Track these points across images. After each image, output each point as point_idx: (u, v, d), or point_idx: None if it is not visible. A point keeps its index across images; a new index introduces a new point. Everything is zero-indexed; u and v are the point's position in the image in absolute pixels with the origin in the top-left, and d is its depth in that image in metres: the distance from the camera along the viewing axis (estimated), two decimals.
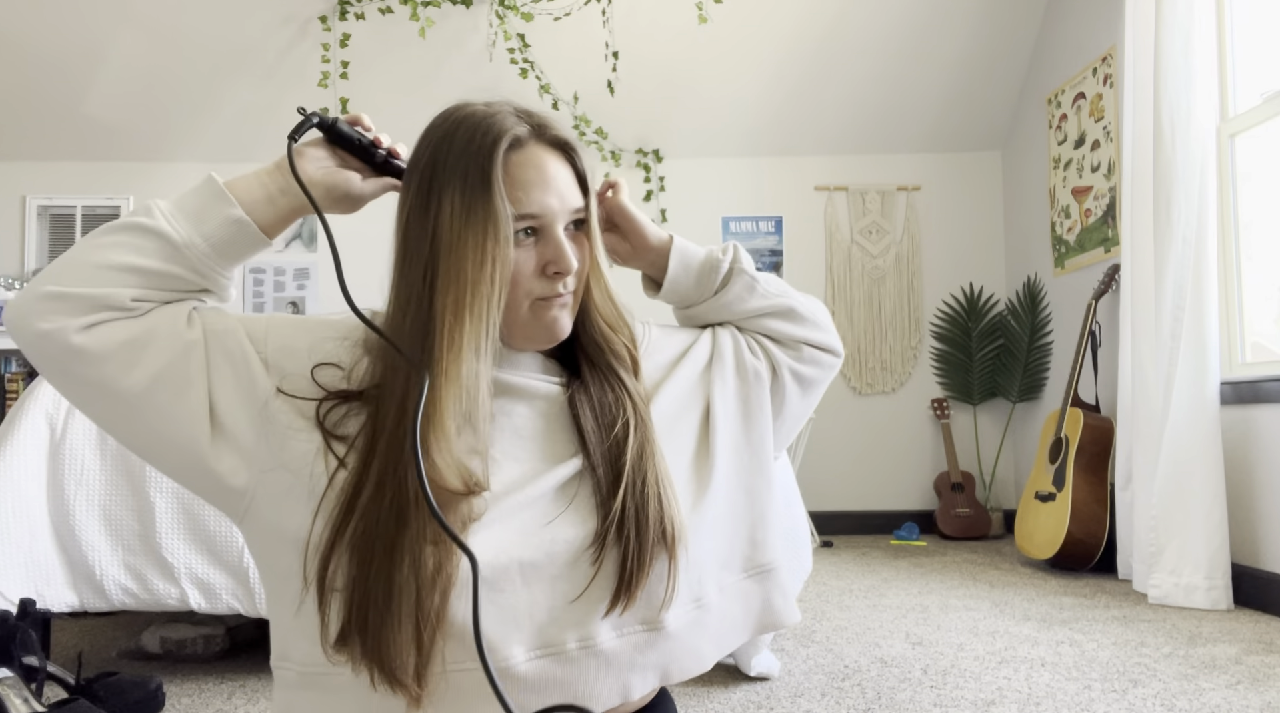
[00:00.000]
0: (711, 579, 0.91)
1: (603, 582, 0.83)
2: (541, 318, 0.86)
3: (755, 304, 1.03)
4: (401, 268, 0.84)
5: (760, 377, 1.00)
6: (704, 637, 0.90)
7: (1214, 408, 2.66)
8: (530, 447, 0.87)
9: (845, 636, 2.27)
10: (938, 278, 4.54)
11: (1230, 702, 1.71)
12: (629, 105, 4.29)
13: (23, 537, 1.76)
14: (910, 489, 4.45)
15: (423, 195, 0.83)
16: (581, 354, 0.93)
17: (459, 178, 0.82)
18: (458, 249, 0.80)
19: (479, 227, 0.81)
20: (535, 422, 0.88)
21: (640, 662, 0.85)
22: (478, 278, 0.80)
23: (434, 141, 0.85)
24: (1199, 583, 2.61)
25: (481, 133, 0.83)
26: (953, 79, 4.32)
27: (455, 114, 0.86)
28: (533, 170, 0.84)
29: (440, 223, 0.81)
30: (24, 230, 4.45)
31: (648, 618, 0.85)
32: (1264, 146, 2.86)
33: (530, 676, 0.80)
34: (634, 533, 0.83)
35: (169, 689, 1.83)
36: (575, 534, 0.83)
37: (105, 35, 4.00)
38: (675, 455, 0.92)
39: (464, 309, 0.80)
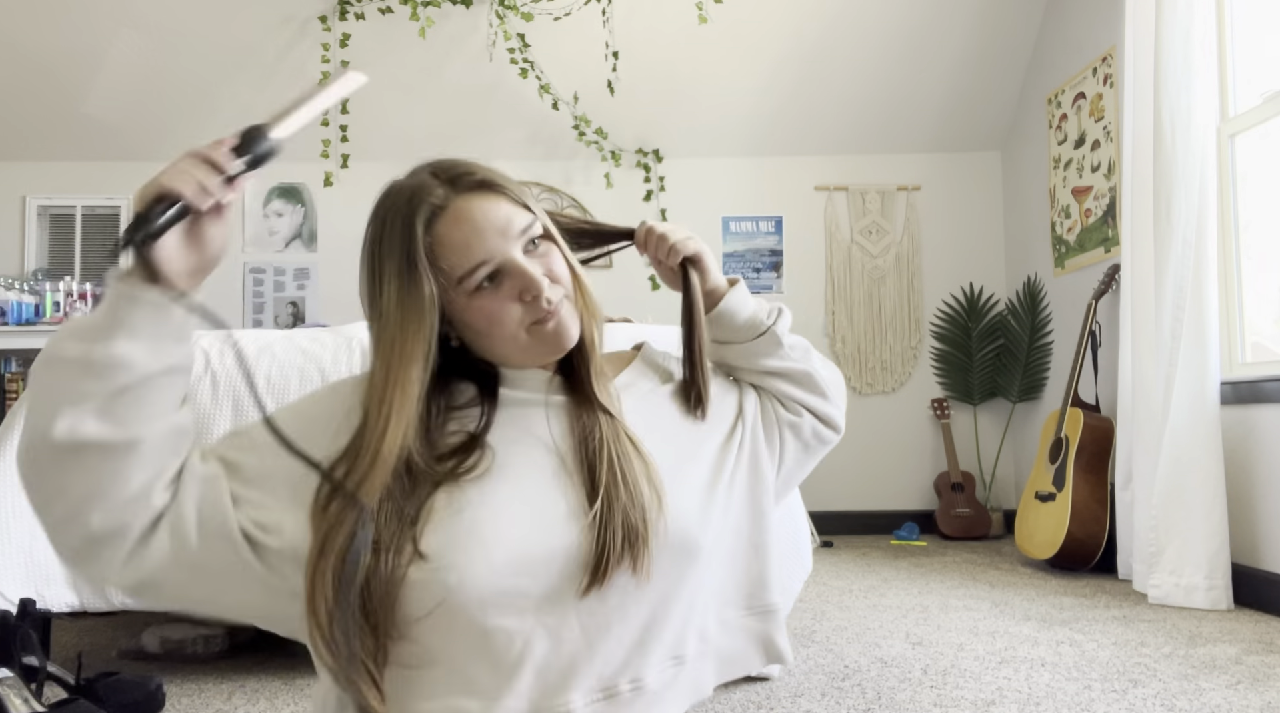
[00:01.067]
0: (712, 614, 0.97)
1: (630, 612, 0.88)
2: (543, 335, 0.90)
3: (775, 364, 1.08)
4: (374, 354, 0.88)
5: (771, 435, 1.07)
6: (707, 669, 0.97)
7: (1214, 408, 2.66)
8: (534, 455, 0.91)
9: (845, 636, 2.27)
10: (938, 278, 4.55)
11: (1230, 702, 1.71)
12: (629, 105, 4.29)
13: (23, 537, 1.76)
14: (910, 489, 4.45)
15: (374, 286, 0.88)
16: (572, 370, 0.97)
17: (393, 262, 0.86)
18: (402, 331, 0.85)
19: (414, 305, 0.85)
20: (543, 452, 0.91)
21: (669, 697, 0.91)
22: (412, 352, 0.84)
23: (369, 233, 0.90)
24: (1199, 583, 2.61)
25: (403, 215, 0.86)
26: (953, 79, 4.32)
27: (383, 197, 0.90)
28: (464, 226, 0.86)
29: (385, 310, 0.86)
30: (24, 230, 4.45)
31: (676, 654, 0.92)
32: (1264, 146, 2.86)
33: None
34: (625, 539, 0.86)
35: (169, 689, 1.83)
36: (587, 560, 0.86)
37: (105, 35, 4.00)
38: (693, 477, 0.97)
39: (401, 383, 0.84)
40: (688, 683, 0.94)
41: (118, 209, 4.49)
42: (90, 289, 4.19)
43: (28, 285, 4.14)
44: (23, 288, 4.11)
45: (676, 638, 0.91)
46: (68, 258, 4.49)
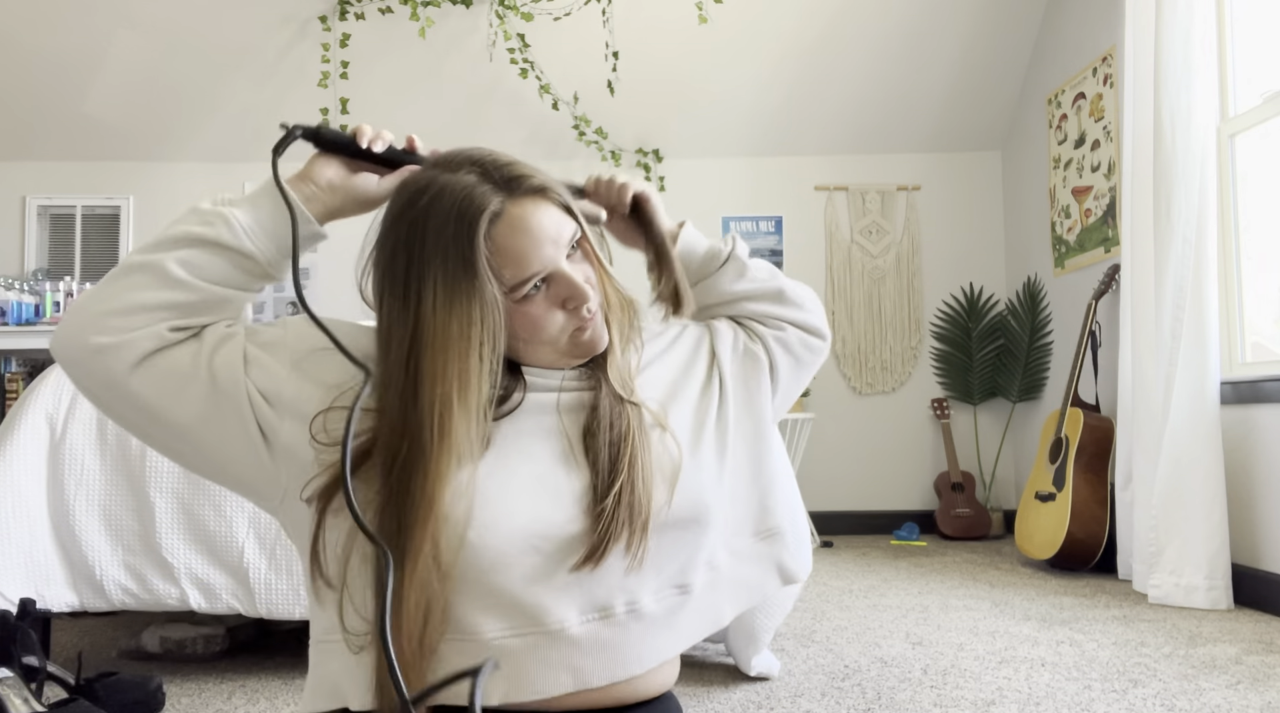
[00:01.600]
0: (721, 544, 0.97)
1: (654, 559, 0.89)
2: (579, 342, 0.91)
3: (743, 287, 1.10)
4: (385, 361, 0.84)
5: (758, 359, 1.07)
6: (721, 597, 0.97)
7: (1214, 408, 2.66)
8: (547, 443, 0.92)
9: (845, 636, 2.27)
10: (938, 278, 4.55)
11: (1230, 702, 1.71)
12: (629, 105, 4.29)
13: (23, 537, 1.76)
14: (910, 489, 4.45)
15: (400, 287, 0.83)
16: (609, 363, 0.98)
17: (439, 266, 0.81)
18: (440, 340, 0.81)
19: (464, 314, 0.81)
20: (555, 420, 0.93)
21: (673, 623, 0.91)
22: (465, 368, 0.81)
23: (403, 231, 0.84)
24: (1199, 583, 2.61)
25: (462, 219, 0.82)
26: (953, 79, 4.32)
27: (421, 196, 0.85)
28: (521, 236, 0.84)
29: (422, 316, 0.81)
30: (24, 230, 4.45)
31: (679, 582, 0.92)
32: (1264, 146, 2.86)
33: (584, 638, 0.85)
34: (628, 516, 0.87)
35: (169, 689, 1.83)
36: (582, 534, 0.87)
37: (105, 35, 4.00)
38: (684, 426, 0.98)
39: (450, 401, 0.81)
40: (698, 612, 0.94)
41: (117, 209, 4.49)
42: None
43: (28, 285, 4.14)
44: (23, 288, 4.11)
45: (680, 570, 0.92)
46: (68, 258, 4.49)
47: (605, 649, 0.86)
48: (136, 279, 0.86)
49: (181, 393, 0.85)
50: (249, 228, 0.88)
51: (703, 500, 0.94)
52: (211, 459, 0.88)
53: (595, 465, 0.89)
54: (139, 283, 0.86)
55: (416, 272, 0.82)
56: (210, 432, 0.86)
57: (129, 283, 0.86)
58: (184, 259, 0.86)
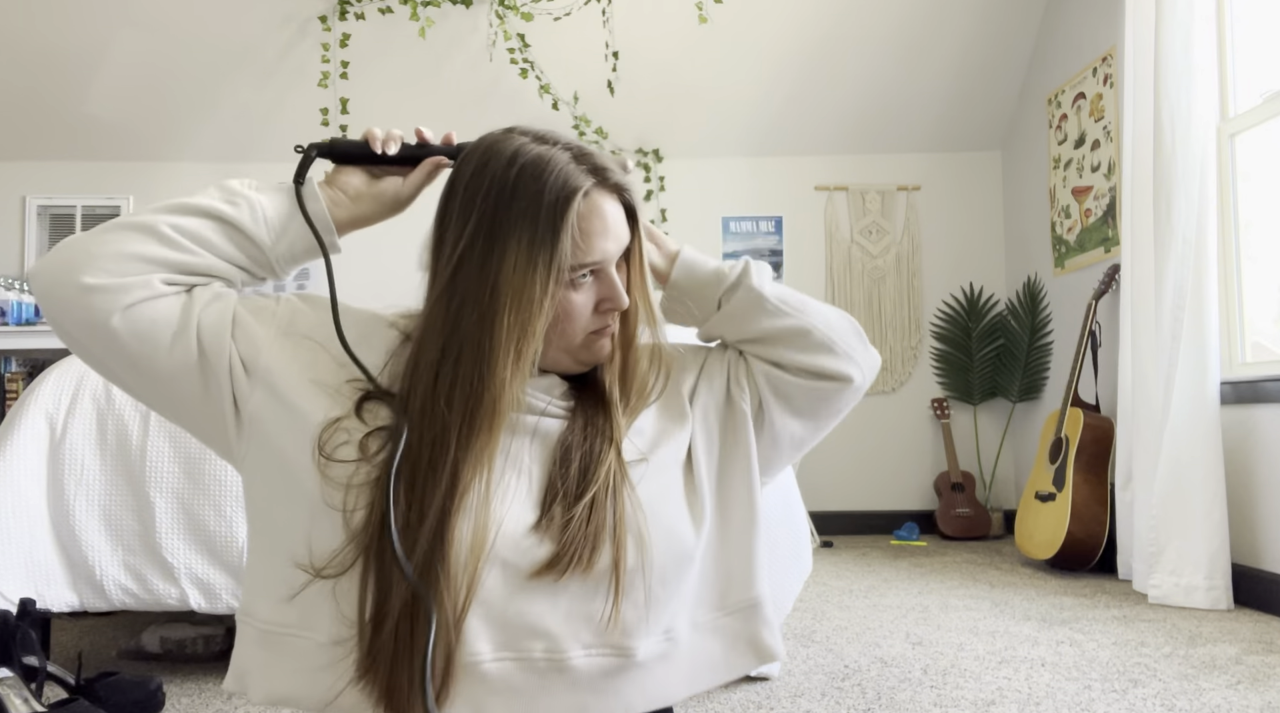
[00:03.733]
0: (684, 614, 0.90)
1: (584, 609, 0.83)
2: (592, 346, 0.91)
3: (764, 324, 0.98)
4: (447, 306, 0.84)
5: (744, 413, 0.97)
6: (674, 672, 0.88)
7: (1214, 408, 2.66)
8: (526, 455, 0.89)
9: (845, 636, 2.27)
10: (938, 278, 4.55)
11: (1230, 702, 1.71)
12: (629, 105, 4.29)
13: (23, 537, 1.76)
14: (910, 489, 4.45)
15: (483, 241, 0.84)
16: (595, 379, 0.95)
17: (526, 229, 0.83)
18: (521, 297, 0.82)
19: (542, 279, 0.83)
20: (532, 443, 0.90)
21: (604, 687, 0.84)
22: (533, 328, 0.83)
23: (492, 187, 0.85)
24: (1199, 583, 2.61)
25: (553, 187, 0.84)
26: (953, 79, 4.32)
27: (511, 164, 0.85)
28: (597, 221, 0.87)
29: (502, 272, 0.83)
30: (24, 230, 4.45)
31: (618, 644, 0.84)
32: (1264, 146, 2.86)
33: (493, 676, 0.80)
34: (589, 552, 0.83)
35: (169, 689, 1.83)
36: (544, 548, 0.83)
37: (105, 35, 4.00)
38: (666, 484, 0.92)
39: (523, 353, 0.83)
40: (637, 684, 0.85)
41: (117, 209, 4.49)
42: None
43: (28, 285, 4.14)
44: (23, 288, 4.11)
45: (625, 630, 0.84)
46: None
47: (515, 695, 0.81)
48: (141, 235, 0.86)
49: (163, 345, 0.85)
50: (270, 220, 0.89)
51: (675, 553, 0.87)
52: (180, 411, 0.89)
53: (556, 496, 0.85)
54: (142, 238, 0.86)
55: (502, 231, 0.83)
56: (184, 387, 0.86)
57: (132, 236, 0.86)
58: (194, 230, 0.87)
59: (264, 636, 0.85)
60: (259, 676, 0.85)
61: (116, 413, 1.86)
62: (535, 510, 0.85)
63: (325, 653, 0.82)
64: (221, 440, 0.89)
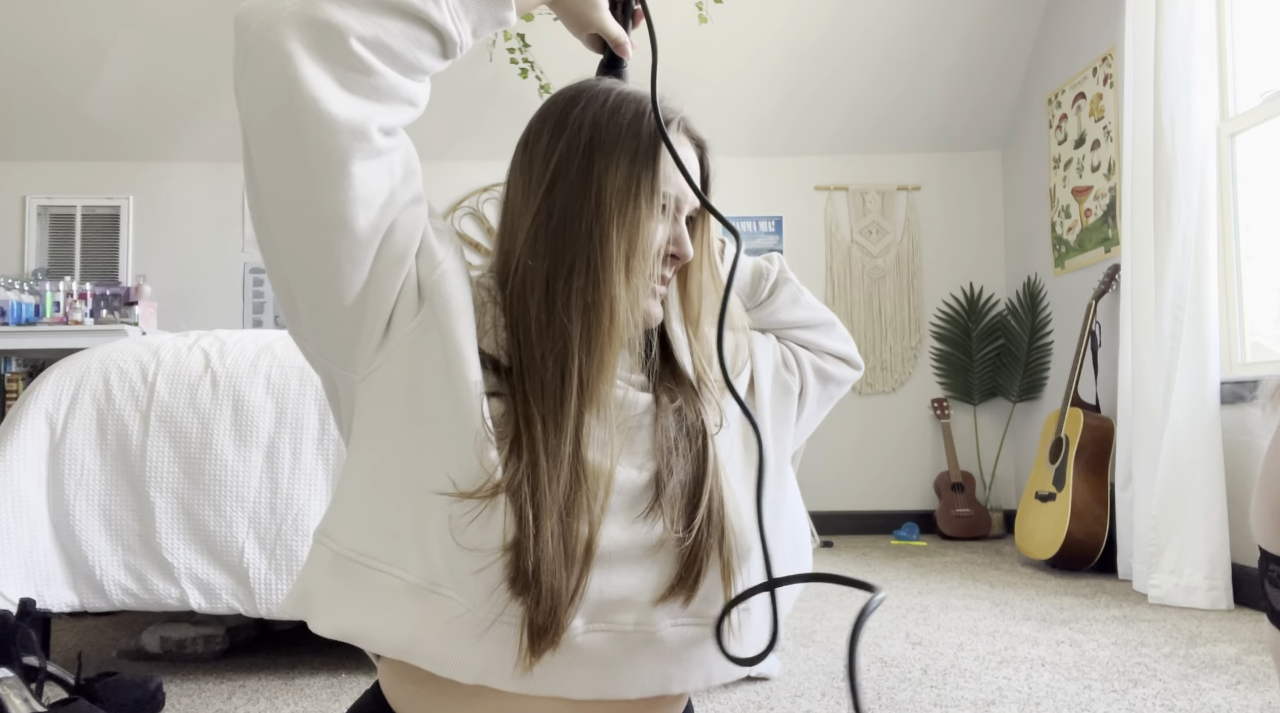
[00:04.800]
0: None
1: (667, 578, 0.82)
2: (649, 296, 0.88)
3: (800, 315, 1.06)
4: (548, 222, 0.83)
5: (790, 391, 1.03)
6: (743, 646, 0.88)
7: (1214, 408, 2.66)
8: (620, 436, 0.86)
9: (845, 636, 2.27)
10: (938, 278, 4.55)
11: (1230, 702, 1.71)
12: None
13: (23, 537, 1.76)
14: (910, 489, 4.45)
15: (583, 155, 0.83)
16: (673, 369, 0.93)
17: (629, 147, 0.84)
18: (626, 209, 0.82)
19: (645, 194, 0.83)
20: (626, 414, 0.87)
21: (687, 657, 0.84)
22: (640, 244, 0.82)
23: (591, 111, 0.86)
24: (1199, 583, 2.61)
25: (640, 105, 0.87)
26: (953, 79, 4.32)
27: (604, 96, 0.87)
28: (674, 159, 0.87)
29: (605, 185, 0.82)
30: (24, 230, 4.45)
31: (701, 614, 0.84)
32: (1264, 146, 2.86)
33: (584, 647, 0.79)
34: (706, 541, 0.83)
35: (169, 689, 1.83)
36: (652, 532, 0.82)
37: (105, 35, 4.00)
38: (734, 467, 0.92)
39: (636, 263, 0.82)
40: (718, 652, 0.85)
41: (117, 209, 4.49)
42: (90, 289, 4.19)
43: (28, 285, 4.14)
44: (23, 288, 4.11)
45: (704, 598, 0.83)
46: (68, 258, 4.49)
47: (603, 666, 0.80)
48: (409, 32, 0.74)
49: (369, 203, 0.74)
50: (454, 7, 0.77)
51: (747, 529, 0.87)
52: (322, 280, 0.76)
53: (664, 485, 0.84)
54: (418, 45, 0.75)
55: (605, 146, 0.84)
56: (359, 261, 0.76)
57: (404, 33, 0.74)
58: (408, 35, 0.74)
59: (343, 562, 0.79)
60: (327, 603, 0.78)
61: (116, 413, 1.86)
62: (639, 473, 0.84)
63: (412, 595, 0.76)
64: (349, 340, 0.79)
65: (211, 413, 1.86)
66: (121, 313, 4.14)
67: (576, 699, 0.80)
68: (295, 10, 0.69)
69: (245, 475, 1.83)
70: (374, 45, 0.71)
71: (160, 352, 1.97)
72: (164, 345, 2.00)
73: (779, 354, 1.04)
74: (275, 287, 0.80)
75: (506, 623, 0.76)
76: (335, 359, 0.80)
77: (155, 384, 1.89)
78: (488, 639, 0.76)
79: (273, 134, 0.71)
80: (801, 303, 1.07)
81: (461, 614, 0.75)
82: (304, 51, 0.69)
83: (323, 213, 0.72)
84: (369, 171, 0.73)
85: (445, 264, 0.80)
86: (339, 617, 0.78)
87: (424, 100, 0.78)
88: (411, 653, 0.76)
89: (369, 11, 0.71)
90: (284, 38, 0.68)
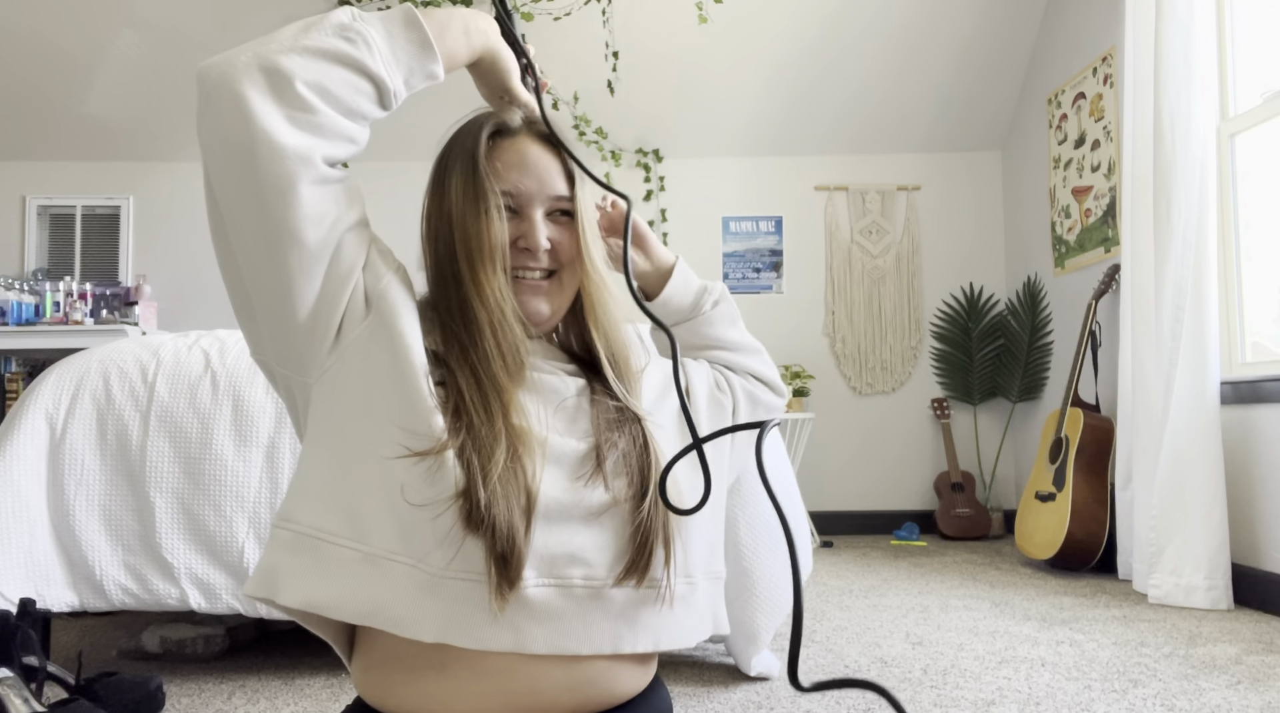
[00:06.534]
0: (699, 564, 0.96)
1: (617, 544, 0.88)
2: (520, 296, 0.96)
3: (735, 335, 1.15)
4: (429, 248, 0.96)
5: (725, 409, 1.09)
6: (691, 615, 0.94)
7: (1214, 408, 2.66)
8: (557, 415, 0.94)
9: (845, 636, 2.27)
10: (938, 278, 4.55)
11: (1230, 702, 1.71)
12: (629, 105, 4.29)
13: (23, 537, 1.76)
14: (910, 489, 4.45)
15: (438, 184, 0.96)
16: (590, 362, 1.01)
17: (458, 163, 0.95)
18: (464, 214, 0.92)
19: (475, 197, 0.92)
20: (560, 397, 0.95)
21: (635, 617, 0.89)
22: (481, 244, 0.91)
23: (446, 143, 0.99)
24: (1199, 583, 2.61)
25: (475, 124, 0.97)
26: (953, 79, 4.32)
27: (469, 119, 0.99)
28: (514, 155, 0.96)
29: (449, 203, 0.93)
30: (24, 230, 4.45)
31: (652, 579, 0.89)
32: (1264, 146, 2.86)
33: (535, 600, 0.83)
34: (654, 521, 0.89)
35: (169, 689, 1.83)
36: (600, 498, 0.88)
37: (105, 35, 4.00)
38: (674, 442, 0.99)
39: (478, 261, 0.91)
40: (665, 617, 0.90)
41: (117, 209, 4.49)
42: (90, 289, 4.19)
43: (28, 285, 4.14)
44: (23, 288, 4.11)
45: (661, 564, 0.89)
46: (68, 258, 4.49)
47: (555, 620, 0.84)
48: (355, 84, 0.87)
49: (318, 222, 0.84)
50: (385, 56, 0.88)
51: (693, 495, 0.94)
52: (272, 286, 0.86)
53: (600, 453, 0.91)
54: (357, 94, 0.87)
55: (448, 170, 0.95)
56: (311, 274, 0.85)
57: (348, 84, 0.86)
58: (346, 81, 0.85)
59: (304, 539, 0.84)
60: (291, 579, 0.83)
61: (116, 413, 1.86)
62: (578, 443, 0.91)
63: (370, 565, 0.82)
64: (304, 348, 0.88)
65: (211, 413, 1.86)
66: (121, 313, 4.14)
67: (534, 654, 0.84)
68: (248, 61, 0.82)
69: (245, 475, 1.83)
70: (317, 89, 0.83)
71: (160, 352, 1.97)
72: (164, 345, 2.00)
73: (711, 377, 1.11)
74: (238, 310, 0.90)
75: (460, 578, 0.82)
76: (292, 367, 0.90)
77: (155, 384, 1.89)
78: (444, 598, 0.81)
79: (232, 166, 0.81)
80: (738, 326, 1.16)
81: (415, 575, 0.82)
82: (257, 94, 0.80)
83: (277, 230, 0.82)
84: (316, 195, 0.83)
85: (388, 277, 0.91)
86: (304, 591, 0.83)
87: (363, 139, 0.89)
88: (375, 616, 0.82)
89: (314, 59, 0.84)
90: (239, 84, 0.80)
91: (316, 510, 0.85)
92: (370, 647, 0.89)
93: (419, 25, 0.90)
